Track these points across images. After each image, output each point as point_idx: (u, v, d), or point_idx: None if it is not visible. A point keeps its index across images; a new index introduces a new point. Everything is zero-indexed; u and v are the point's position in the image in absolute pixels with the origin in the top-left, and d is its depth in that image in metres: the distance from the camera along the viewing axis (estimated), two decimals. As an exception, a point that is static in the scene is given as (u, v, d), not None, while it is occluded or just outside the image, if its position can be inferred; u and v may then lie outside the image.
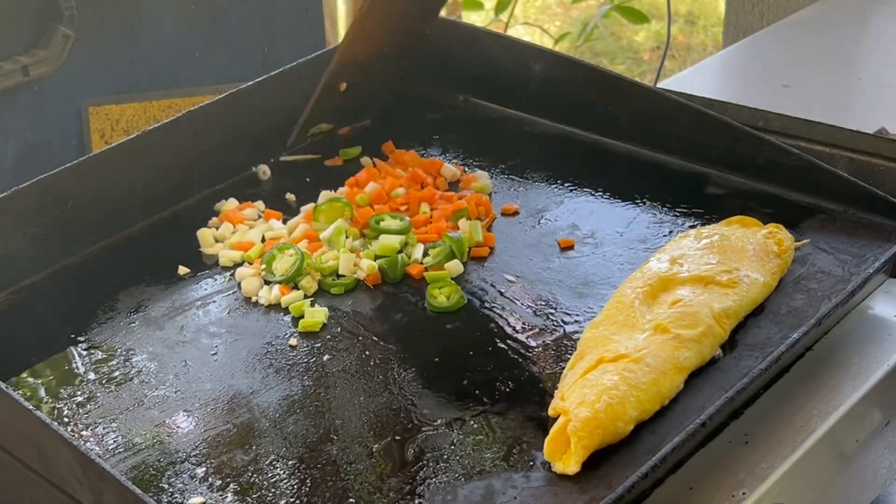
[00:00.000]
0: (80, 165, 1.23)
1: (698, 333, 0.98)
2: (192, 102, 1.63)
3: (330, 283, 1.16)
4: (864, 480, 1.06)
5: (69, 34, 1.55)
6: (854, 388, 1.00)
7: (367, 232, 1.22)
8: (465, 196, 1.27)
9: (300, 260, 1.16)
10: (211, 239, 1.25)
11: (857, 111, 1.66)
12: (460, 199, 1.27)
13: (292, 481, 0.91)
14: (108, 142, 1.67)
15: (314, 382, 1.03)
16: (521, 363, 1.03)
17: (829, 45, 1.87)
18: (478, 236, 1.20)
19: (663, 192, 1.27)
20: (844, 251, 1.13)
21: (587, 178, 1.31)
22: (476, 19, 3.45)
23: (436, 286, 1.13)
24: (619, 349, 0.97)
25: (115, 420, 0.99)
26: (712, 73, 1.86)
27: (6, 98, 1.53)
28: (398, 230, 1.21)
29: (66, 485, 0.92)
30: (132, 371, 1.06)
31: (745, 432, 0.95)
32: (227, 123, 1.34)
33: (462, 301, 1.12)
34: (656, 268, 1.08)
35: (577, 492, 0.88)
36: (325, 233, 1.22)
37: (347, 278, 1.16)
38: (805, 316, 1.05)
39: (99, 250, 1.24)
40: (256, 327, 1.11)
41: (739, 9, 2.30)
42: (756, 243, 1.11)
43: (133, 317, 1.14)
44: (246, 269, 1.19)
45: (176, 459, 0.94)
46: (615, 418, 0.91)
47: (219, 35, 1.78)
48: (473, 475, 0.91)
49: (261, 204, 1.30)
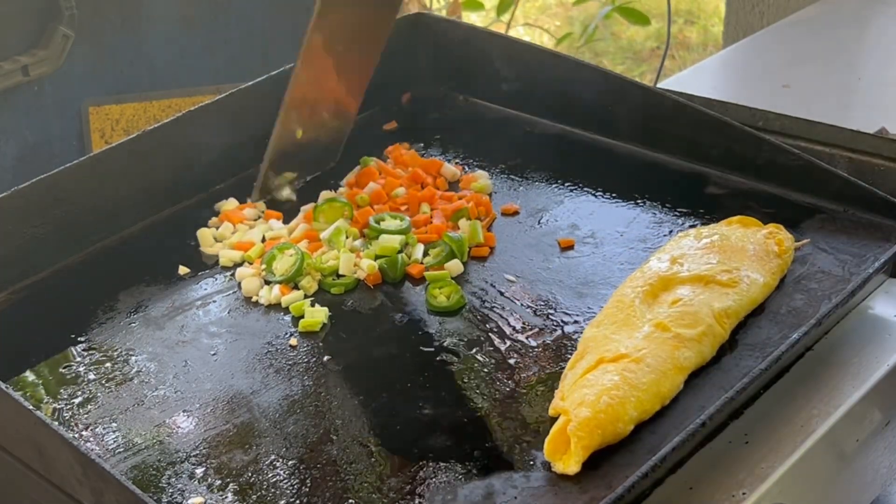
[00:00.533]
0: (80, 165, 1.23)
1: (698, 333, 0.98)
2: (192, 102, 1.63)
3: (330, 283, 1.16)
4: (864, 480, 1.06)
5: (69, 34, 1.56)
6: (854, 388, 1.00)
7: (367, 232, 1.22)
8: (465, 196, 1.27)
9: (300, 260, 1.16)
10: (211, 238, 1.25)
11: (857, 111, 1.66)
12: (460, 199, 1.27)
13: (292, 481, 0.91)
14: (108, 142, 1.67)
15: (314, 382, 1.03)
16: (521, 363, 1.03)
17: (829, 45, 1.87)
18: (478, 237, 1.20)
19: (663, 192, 1.27)
20: (844, 251, 1.13)
21: (587, 178, 1.31)
22: (476, 20, 3.46)
23: (436, 286, 1.13)
24: (619, 349, 0.97)
25: (115, 420, 0.99)
26: (712, 73, 1.86)
27: (6, 98, 1.53)
28: (398, 230, 1.21)
29: (66, 485, 0.92)
30: (132, 371, 1.06)
31: (745, 432, 0.95)
32: (227, 123, 1.34)
33: (462, 301, 1.12)
34: (656, 267, 1.08)
35: (577, 492, 0.88)
36: (325, 233, 1.22)
37: (347, 278, 1.16)
38: (805, 316, 1.05)
39: (99, 250, 1.24)
40: (256, 327, 1.11)
41: (739, 9, 2.30)
42: (756, 243, 1.11)
43: (133, 317, 1.14)
44: (246, 268, 1.19)
45: (176, 459, 0.94)
46: (615, 419, 0.91)
47: (219, 35, 1.78)
48: (473, 475, 0.91)
49: (261, 204, 1.30)
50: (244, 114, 1.35)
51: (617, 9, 2.73)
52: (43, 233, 1.20)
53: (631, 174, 1.31)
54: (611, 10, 2.75)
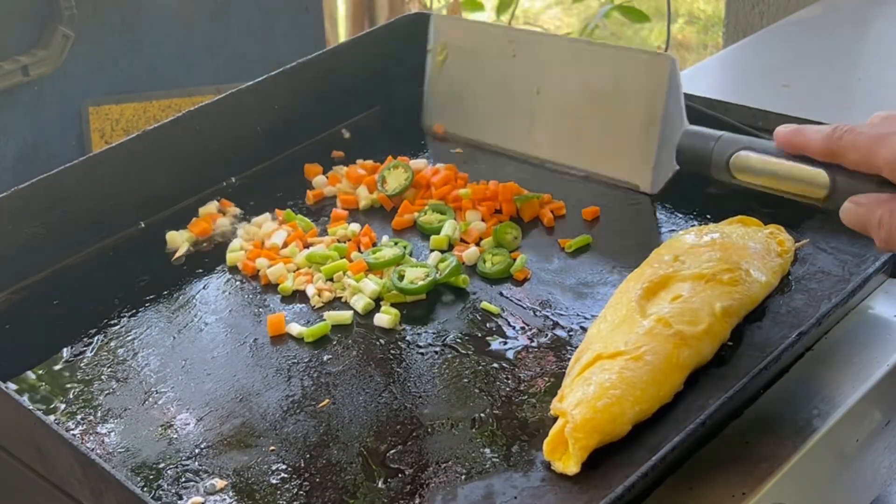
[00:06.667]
0: (80, 165, 1.23)
1: (700, 331, 0.98)
2: (192, 102, 1.63)
3: (409, 289, 1.13)
4: (864, 480, 1.06)
5: (69, 34, 1.56)
6: (854, 388, 1.00)
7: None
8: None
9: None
10: (179, 239, 1.24)
11: (857, 111, 1.66)
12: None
13: (292, 481, 0.91)
14: (108, 142, 1.67)
15: (314, 382, 1.03)
16: (522, 363, 1.03)
17: (829, 45, 1.86)
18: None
19: (663, 191, 1.27)
20: (844, 251, 1.13)
21: (587, 178, 1.31)
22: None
23: (489, 252, 1.18)
24: (618, 346, 0.96)
25: (115, 420, 0.99)
26: (712, 73, 1.86)
27: (6, 98, 1.53)
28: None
29: (66, 485, 0.92)
30: (132, 371, 1.06)
31: (745, 432, 0.95)
32: (227, 123, 1.34)
33: (505, 272, 1.16)
34: (657, 265, 1.08)
35: (577, 492, 0.88)
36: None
37: (421, 286, 1.13)
38: (805, 316, 1.05)
39: (99, 250, 1.24)
40: (257, 327, 1.11)
41: (739, 9, 2.29)
42: (758, 241, 1.11)
43: (133, 317, 1.14)
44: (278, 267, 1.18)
45: (176, 459, 0.94)
46: (613, 419, 0.91)
47: (219, 35, 1.78)
48: (473, 475, 0.91)
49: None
50: (244, 114, 1.36)
51: (616, 7, 2.73)
52: (43, 233, 1.20)
53: (631, 174, 1.31)
54: (610, 9, 2.76)
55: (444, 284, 1.14)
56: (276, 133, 1.39)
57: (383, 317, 1.10)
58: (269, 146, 1.39)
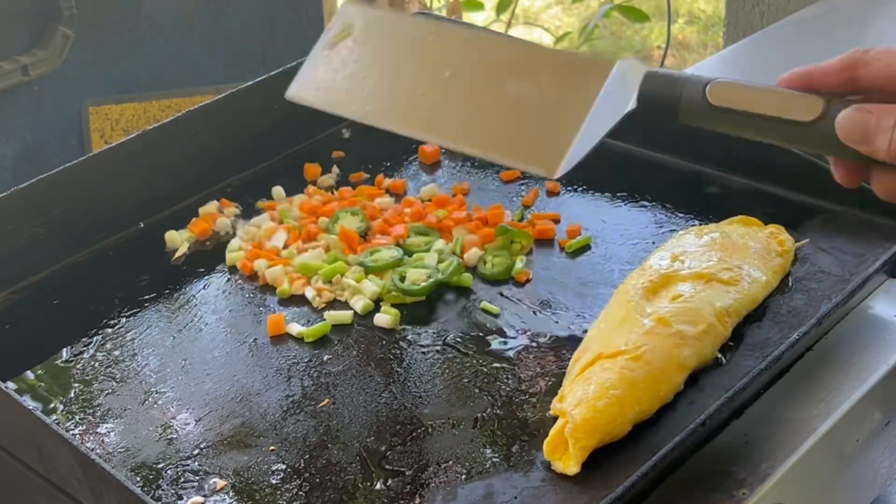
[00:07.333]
0: (80, 165, 1.23)
1: (700, 331, 0.98)
2: (192, 102, 1.63)
3: (411, 290, 1.13)
4: (864, 480, 1.06)
5: (69, 34, 1.56)
6: (854, 388, 1.00)
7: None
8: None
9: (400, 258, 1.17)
10: (178, 239, 1.24)
11: (857, 111, 1.65)
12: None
13: (292, 481, 0.91)
14: (108, 142, 1.67)
15: (314, 382, 1.03)
16: (522, 363, 1.03)
17: (829, 45, 1.86)
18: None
19: (663, 192, 1.27)
20: (844, 251, 1.13)
21: (587, 178, 1.31)
22: (477, 20, 3.45)
23: (490, 253, 1.17)
24: (618, 346, 0.96)
25: (115, 420, 0.99)
26: (712, 73, 1.85)
27: (6, 98, 1.54)
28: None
29: (66, 485, 0.92)
30: (132, 371, 1.06)
31: (745, 432, 0.95)
32: (228, 123, 1.34)
33: (505, 275, 1.15)
34: (657, 265, 1.07)
35: (577, 492, 0.88)
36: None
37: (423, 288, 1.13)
38: (805, 316, 1.05)
39: (99, 250, 1.24)
40: (257, 327, 1.11)
41: (739, 9, 2.30)
42: (758, 241, 1.11)
43: (133, 317, 1.14)
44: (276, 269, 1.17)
45: (176, 459, 0.94)
46: (613, 419, 0.91)
47: (219, 35, 1.78)
48: (473, 475, 0.91)
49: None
50: (244, 114, 1.36)
51: (616, 7, 2.73)
52: (43, 233, 1.20)
53: (631, 174, 1.31)
54: (610, 9, 2.76)
55: (444, 284, 1.14)
56: (276, 133, 1.39)
57: (383, 317, 1.10)
58: (269, 146, 1.39)
